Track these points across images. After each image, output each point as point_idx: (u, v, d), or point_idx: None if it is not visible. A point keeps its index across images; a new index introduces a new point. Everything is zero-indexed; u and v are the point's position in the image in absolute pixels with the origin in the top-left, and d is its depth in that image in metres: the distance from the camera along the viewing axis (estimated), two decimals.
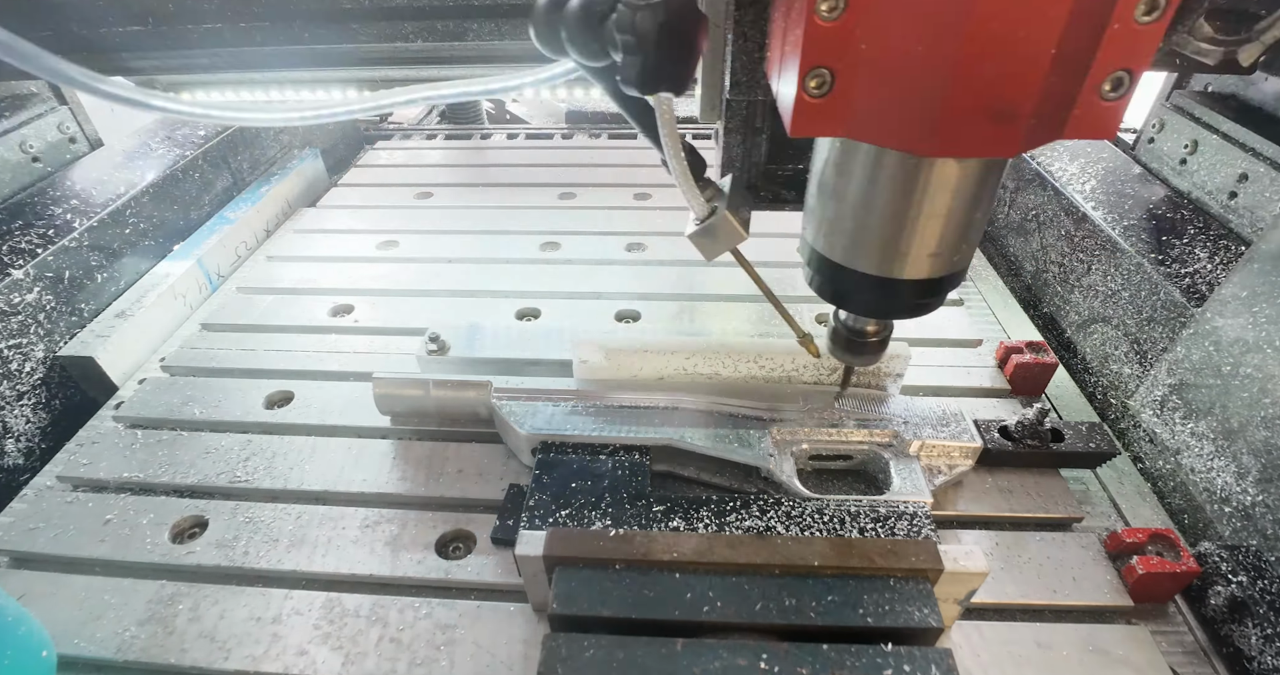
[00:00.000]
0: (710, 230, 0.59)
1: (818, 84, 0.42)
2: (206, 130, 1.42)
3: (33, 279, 0.99)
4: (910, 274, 0.52)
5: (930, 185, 0.47)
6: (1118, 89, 0.40)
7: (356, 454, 0.88)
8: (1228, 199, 0.99)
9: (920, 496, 0.73)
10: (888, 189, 0.48)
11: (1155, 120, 1.14)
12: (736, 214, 0.59)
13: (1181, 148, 1.08)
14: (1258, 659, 0.69)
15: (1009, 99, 0.39)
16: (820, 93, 0.42)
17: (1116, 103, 0.41)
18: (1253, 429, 0.72)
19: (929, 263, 0.52)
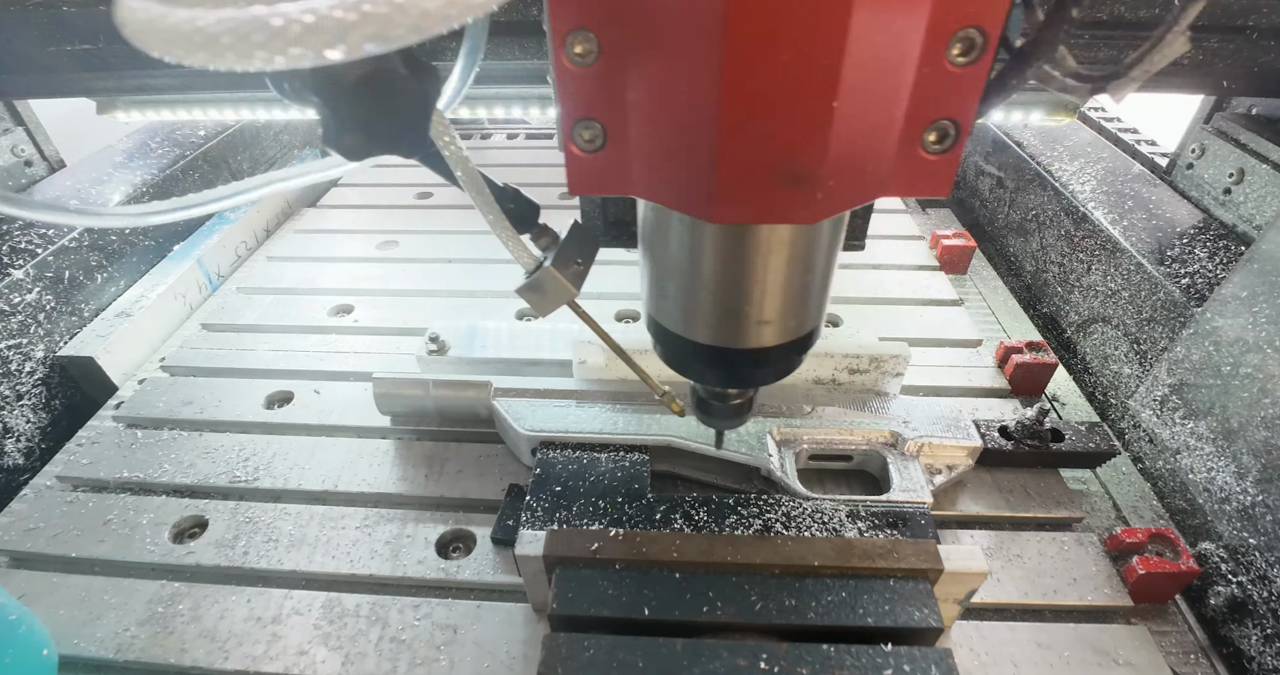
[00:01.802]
0: (536, 285, 0.53)
1: (590, 137, 0.37)
2: (206, 130, 1.42)
3: (33, 279, 0.99)
4: (742, 343, 0.47)
5: (744, 251, 0.41)
6: (943, 141, 0.36)
7: (356, 454, 0.88)
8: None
9: (920, 496, 0.73)
10: (700, 253, 0.43)
11: (1195, 145, 1.06)
12: (565, 269, 0.53)
13: (1225, 176, 0.99)
14: (1258, 659, 0.69)
15: (795, 159, 0.33)
16: (593, 147, 0.37)
17: (944, 155, 0.36)
18: (1253, 429, 0.72)
19: (761, 331, 0.46)
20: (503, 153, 1.76)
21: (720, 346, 0.48)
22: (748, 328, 0.46)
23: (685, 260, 0.44)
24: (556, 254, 0.53)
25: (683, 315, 0.48)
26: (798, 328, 0.48)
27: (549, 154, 1.72)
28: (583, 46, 0.34)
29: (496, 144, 1.82)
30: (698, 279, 0.44)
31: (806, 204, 0.35)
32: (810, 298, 0.47)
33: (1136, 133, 1.29)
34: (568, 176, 0.39)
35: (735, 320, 0.46)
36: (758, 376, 0.53)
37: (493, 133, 1.89)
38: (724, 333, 0.47)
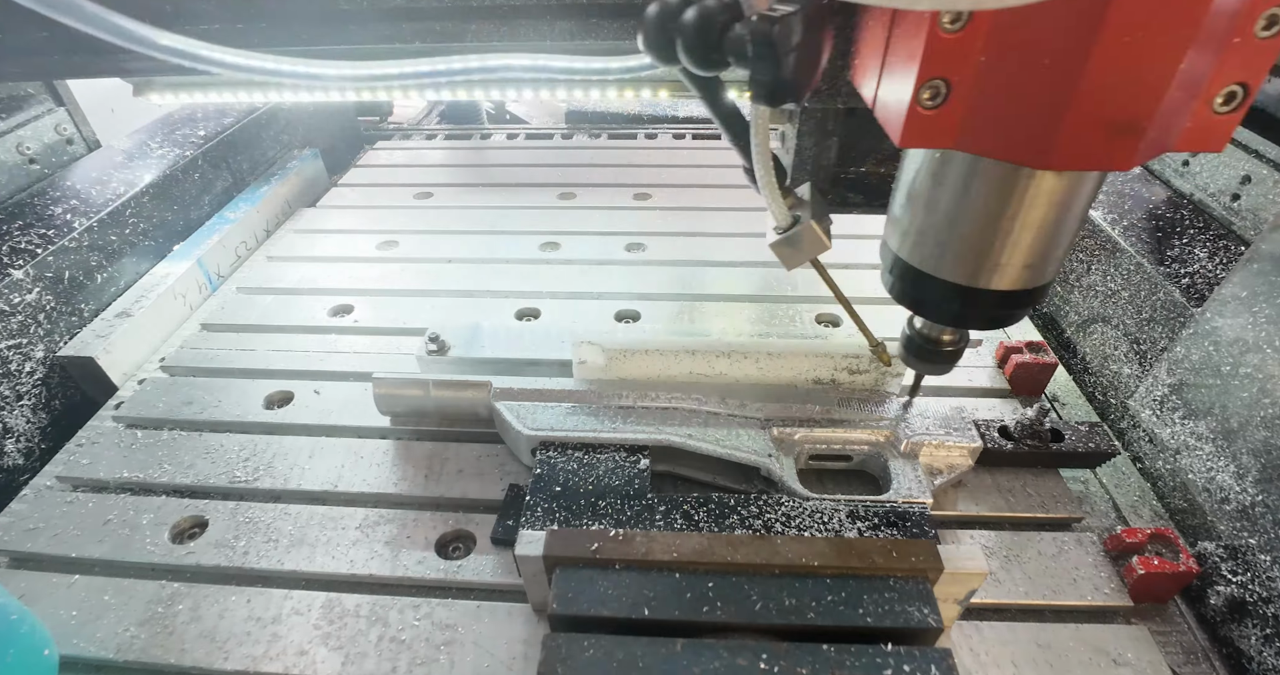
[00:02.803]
0: (794, 240, 0.59)
1: (931, 95, 0.41)
2: (206, 130, 1.42)
3: (33, 279, 0.99)
4: (1000, 285, 0.52)
5: (1034, 197, 0.46)
6: (1230, 103, 0.40)
7: (356, 454, 0.88)
8: (1230, 201, 0.98)
9: (920, 496, 0.73)
10: (987, 200, 0.48)
11: None
12: (820, 223, 0.59)
13: None
14: (1257, 659, 0.69)
15: (1133, 113, 0.39)
16: (934, 104, 0.42)
17: (1229, 116, 0.41)
18: (1252, 429, 0.72)
19: (1022, 274, 0.51)
20: (503, 153, 1.76)
21: (976, 287, 0.53)
22: (1012, 270, 0.51)
23: (964, 207, 0.49)
24: (812, 211, 0.59)
25: (945, 257, 0.53)
26: (1051, 272, 0.53)
27: (549, 154, 1.73)
28: (952, 15, 0.38)
29: (497, 144, 1.82)
30: (972, 224, 0.49)
31: (1129, 152, 0.40)
32: (1063, 246, 0.52)
33: None
34: (903, 130, 0.43)
35: (1002, 263, 0.51)
36: (999, 318, 0.58)
37: (493, 133, 1.89)
38: (985, 274, 0.52)
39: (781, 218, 0.59)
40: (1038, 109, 0.40)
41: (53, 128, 1.24)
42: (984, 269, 0.51)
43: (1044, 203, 0.47)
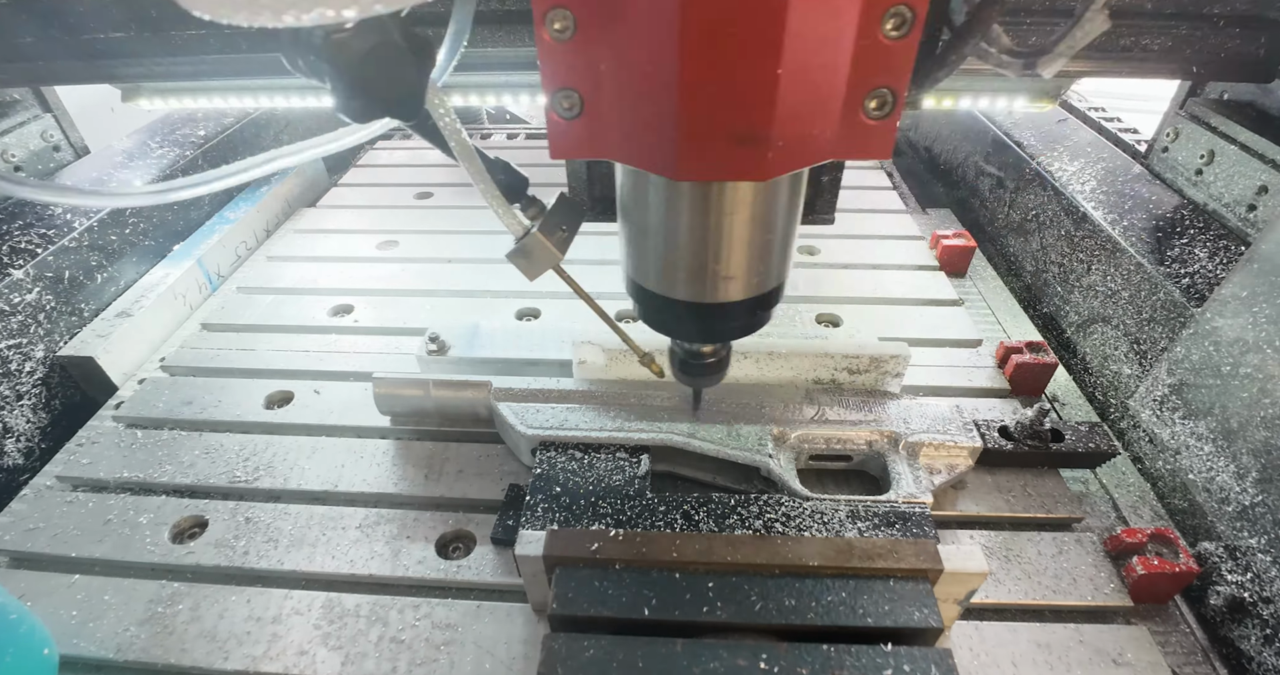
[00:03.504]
0: (524, 251, 0.58)
1: (569, 105, 0.41)
2: (206, 130, 1.42)
3: (33, 279, 0.99)
4: (719, 298, 0.51)
5: (707, 207, 0.45)
6: (883, 108, 0.40)
7: (356, 454, 0.88)
8: (1246, 211, 0.95)
9: (920, 496, 0.73)
10: (670, 212, 0.47)
11: (1169, 129, 1.09)
12: (551, 235, 0.58)
13: (1197, 158, 1.03)
14: (1257, 659, 0.69)
15: (747, 121, 0.38)
16: (572, 114, 0.41)
17: (884, 121, 0.40)
18: (1252, 429, 0.72)
19: (733, 286, 0.50)
20: (503, 153, 1.75)
21: (692, 301, 0.52)
22: (715, 282, 0.50)
23: (657, 219, 0.48)
24: (543, 222, 0.58)
25: (657, 273, 0.52)
26: (760, 284, 0.52)
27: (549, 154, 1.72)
28: (561, 22, 0.38)
29: (497, 144, 1.82)
30: (668, 237, 0.49)
31: (759, 163, 0.39)
32: (772, 254, 0.51)
33: (1136, 133, 1.29)
34: (549, 141, 0.43)
35: (703, 275, 0.50)
36: (727, 330, 0.58)
37: (493, 133, 1.89)
38: (695, 288, 0.51)
39: (514, 229, 0.58)
40: (656, 118, 0.39)
41: (39, 134, 1.22)
42: (702, 283, 0.50)
43: (723, 212, 0.46)
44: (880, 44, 0.37)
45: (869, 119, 0.40)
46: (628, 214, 0.51)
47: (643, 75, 0.38)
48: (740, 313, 0.53)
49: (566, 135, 0.42)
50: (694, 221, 0.46)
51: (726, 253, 0.48)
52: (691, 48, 0.35)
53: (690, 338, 0.62)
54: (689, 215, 0.46)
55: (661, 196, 0.46)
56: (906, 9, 0.36)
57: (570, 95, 0.41)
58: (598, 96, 0.40)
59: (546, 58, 0.39)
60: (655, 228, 0.49)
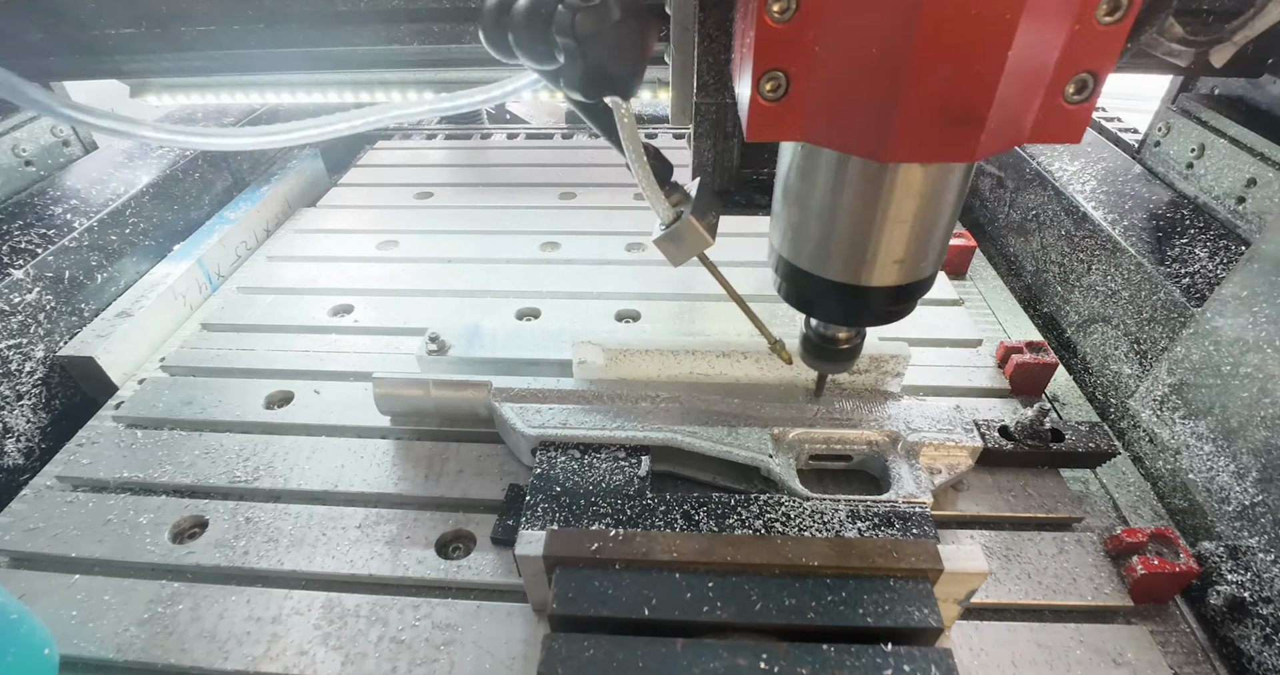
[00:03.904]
0: (675, 235, 0.58)
1: (773, 87, 0.41)
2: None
3: (33, 279, 0.99)
4: (876, 281, 0.51)
5: (893, 190, 0.46)
6: (1082, 92, 0.40)
7: (356, 454, 0.88)
8: (1235, 204, 0.97)
9: (920, 496, 0.73)
10: (850, 194, 0.47)
11: (1161, 123, 1.12)
12: (703, 219, 0.58)
13: (1188, 151, 1.06)
14: (1257, 659, 0.69)
15: (967, 103, 0.38)
16: (776, 96, 0.41)
17: (1081, 106, 0.40)
18: (1253, 429, 0.72)
19: (895, 270, 0.51)
20: (503, 152, 1.76)
21: (854, 284, 0.52)
22: (881, 265, 0.50)
23: (833, 202, 0.48)
24: (694, 206, 0.58)
25: (825, 255, 0.52)
26: (923, 268, 0.52)
27: (550, 154, 1.73)
28: (781, 4, 0.38)
29: (497, 143, 1.82)
30: (841, 218, 0.49)
31: (970, 144, 0.40)
32: (937, 241, 0.51)
33: (1136, 133, 1.29)
34: (748, 124, 0.43)
35: (871, 258, 0.50)
36: (875, 315, 0.57)
37: (493, 133, 1.89)
38: (854, 270, 0.51)
39: (664, 214, 0.58)
40: (873, 99, 0.39)
41: (49, 130, 1.24)
42: (863, 265, 0.51)
43: (906, 196, 0.46)
44: (1094, 28, 0.37)
45: (1068, 103, 0.40)
46: (795, 195, 0.51)
47: (866, 55, 0.38)
48: (895, 298, 0.53)
49: (767, 118, 0.42)
50: (876, 203, 0.46)
51: (901, 235, 0.48)
52: (930, 28, 0.35)
53: (836, 319, 0.62)
54: (869, 198, 0.46)
55: (843, 177, 0.46)
56: None
57: (776, 76, 0.40)
58: (806, 78, 0.40)
59: (763, 39, 0.39)
60: (829, 209, 0.49)
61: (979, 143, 0.40)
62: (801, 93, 0.41)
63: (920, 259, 0.51)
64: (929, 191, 0.46)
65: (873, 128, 0.40)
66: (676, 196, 0.60)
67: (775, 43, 0.39)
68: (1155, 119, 1.14)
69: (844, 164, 0.46)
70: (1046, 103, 0.40)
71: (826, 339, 0.64)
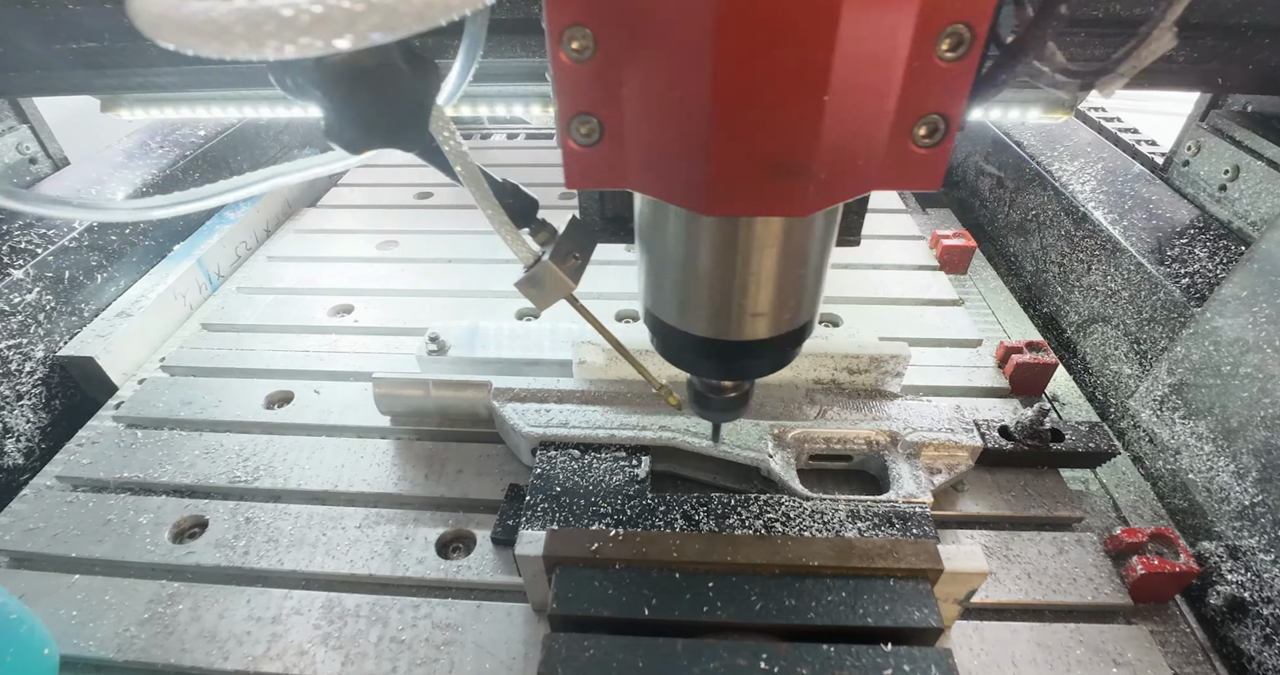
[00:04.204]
0: (534, 279, 0.54)
1: (586, 131, 0.37)
2: (206, 130, 1.42)
3: (33, 279, 0.99)
4: (740, 335, 0.47)
5: (737, 242, 0.42)
6: (933, 135, 0.36)
7: (356, 454, 0.88)
8: None
9: (920, 496, 0.73)
10: (694, 247, 0.43)
11: (1191, 142, 1.06)
12: (563, 262, 0.54)
13: (1221, 173, 1.00)
14: (1257, 659, 0.69)
15: (787, 151, 0.34)
16: (590, 141, 0.37)
17: (935, 150, 0.36)
18: (1253, 429, 0.72)
19: (757, 323, 0.47)
20: (503, 152, 1.76)
21: (715, 338, 0.48)
22: (742, 319, 0.47)
23: (680, 253, 0.44)
24: (554, 248, 0.54)
25: (679, 307, 0.48)
26: (791, 320, 0.48)
27: (550, 154, 1.72)
28: (579, 42, 0.34)
29: (497, 144, 1.82)
30: (692, 271, 0.45)
31: (799, 196, 0.36)
32: (804, 290, 0.47)
33: (1136, 132, 1.29)
34: (565, 171, 0.39)
35: (729, 312, 0.46)
36: (753, 368, 0.54)
37: (493, 132, 1.89)
38: (719, 325, 0.47)
39: (522, 256, 0.54)
40: (685, 147, 0.35)
41: (14, 146, 1.18)
42: (723, 320, 0.47)
43: (754, 247, 0.42)
44: (934, 66, 0.33)
45: (918, 147, 0.36)
46: (647, 244, 0.47)
47: (671, 99, 0.34)
48: (768, 351, 0.49)
49: (584, 164, 0.38)
50: (721, 256, 0.43)
51: (756, 289, 0.44)
52: (728, 69, 0.31)
53: (714, 375, 0.58)
54: (716, 250, 0.43)
55: (686, 229, 0.43)
56: (965, 28, 0.32)
57: (588, 121, 0.37)
58: (619, 123, 0.37)
59: (562, 81, 0.35)
60: (677, 261, 0.45)
61: (808, 194, 0.36)
62: (616, 138, 0.37)
63: (784, 311, 0.47)
64: (779, 243, 0.42)
65: (691, 177, 0.36)
66: (543, 235, 0.56)
67: (577, 84, 0.35)
68: (1183, 137, 1.09)
69: (681, 213, 0.42)
70: (893, 147, 0.36)
71: (711, 388, 0.60)
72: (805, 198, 0.36)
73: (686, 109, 0.34)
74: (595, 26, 0.34)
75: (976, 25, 0.32)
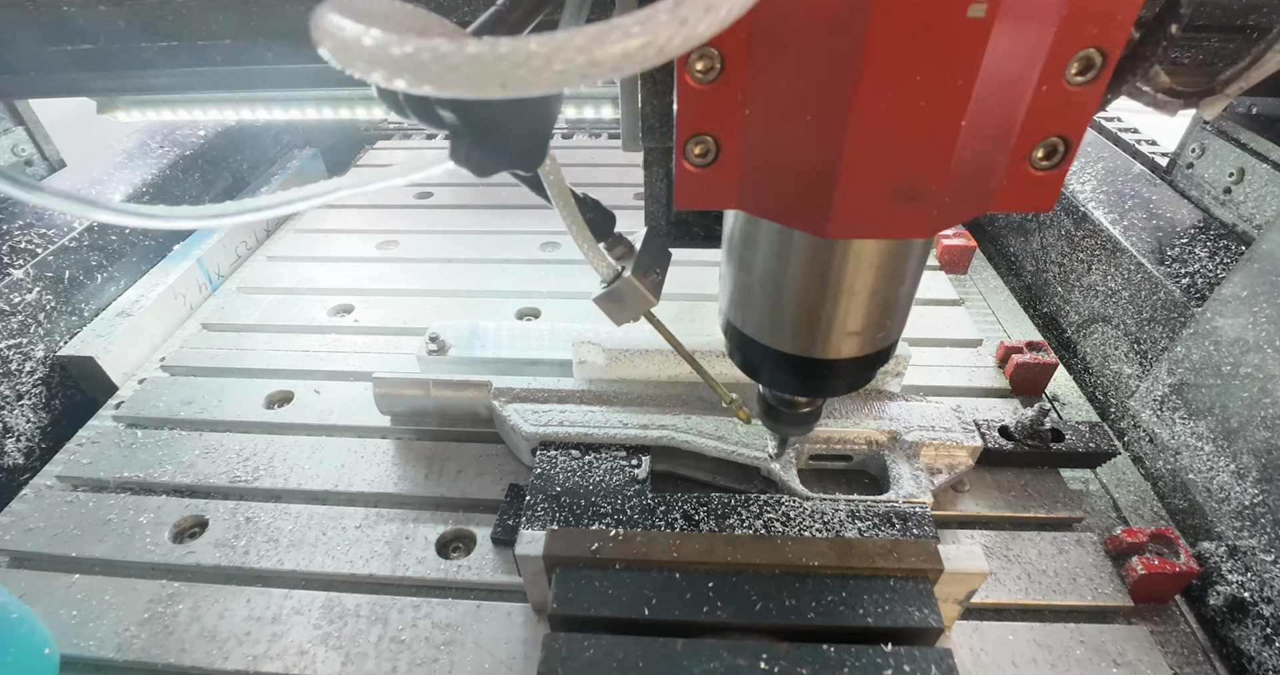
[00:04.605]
0: (615, 295, 0.54)
1: (701, 151, 0.37)
2: (206, 130, 1.42)
3: (33, 279, 0.99)
4: (826, 353, 0.47)
5: (844, 264, 0.42)
6: (1052, 157, 0.36)
7: (356, 454, 0.88)
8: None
9: (920, 496, 0.73)
10: (796, 265, 0.43)
11: (1195, 145, 1.05)
12: (645, 278, 0.53)
13: (1225, 176, 0.99)
14: (1257, 659, 0.69)
15: (915, 176, 0.34)
16: (705, 162, 0.37)
17: (1052, 172, 0.36)
18: (1253, 429, 0.72)
19: (848, 342, 0.47)
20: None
21: (803, 356, 0.48)
22: (835, 338, 0.47)
23: (777, 270, 0.44)
24: (635, 263, 0.54)
25: (769, 323, 0.48)
26: (883, 339, 0.49)
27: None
28: (704, 63, 0.34)
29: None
30: (788, 287, 0.44)
31: (923, 220, 0.36)
32: (897, 310, 0.47)
33: (1137, 132, 1.29)
34: (675, 191, 0.39)
35: (823, 330, 0.46)
36: (835, 386, 0.53)
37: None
38: (809, 342, 0.47)
39: (604, 271, 0.54)
40: (810, 170, 0.35)
41: (9, 148, 1.18)
42: (814, 338, 0.46)
43: (860, 268, 0.42)
44: (1063, 90, 0.33)
45: (1035, 169, 0.36)
46: (739, 260, 0.47)
47: (798, 122, 0.34)
48: (854, 369, 0.49)
49: (697, 184, 0.38)
50: (824, 276, 0.42)
51: (855, 308, 0.44)
52: (869, 94, 0.31)
53: (794, 391, 0.57)
54: (819, 269, 0.42)
55: (787, 246, 0.42)
56: (1097, 53, 0.32)
57: (705, 141, 0.37)
58: (737, 144, 0.37)
59: (685, 102, 0.35)
60: (775, 277, 0.44)
61: (931, 219, 0.36)
62: (733, 159, 0.37)
63: (878, 330, 0.47)
64: (884, 264, 0.42)
65: (812, 201, 0.36)
66: (620, 249, 0.56)
67: (699, 105, 0.35)
68: (1186, 139, 1.08)
69: (785, 233, 0.42)
70: (1012, 170, 0.36)
71: (784, 402, 0.59)
72: (928, 221, 0.36)
73: (817, 131, 0.33)
74: (725, 47, 0.33)
75: (1109, 50, 0.32)
